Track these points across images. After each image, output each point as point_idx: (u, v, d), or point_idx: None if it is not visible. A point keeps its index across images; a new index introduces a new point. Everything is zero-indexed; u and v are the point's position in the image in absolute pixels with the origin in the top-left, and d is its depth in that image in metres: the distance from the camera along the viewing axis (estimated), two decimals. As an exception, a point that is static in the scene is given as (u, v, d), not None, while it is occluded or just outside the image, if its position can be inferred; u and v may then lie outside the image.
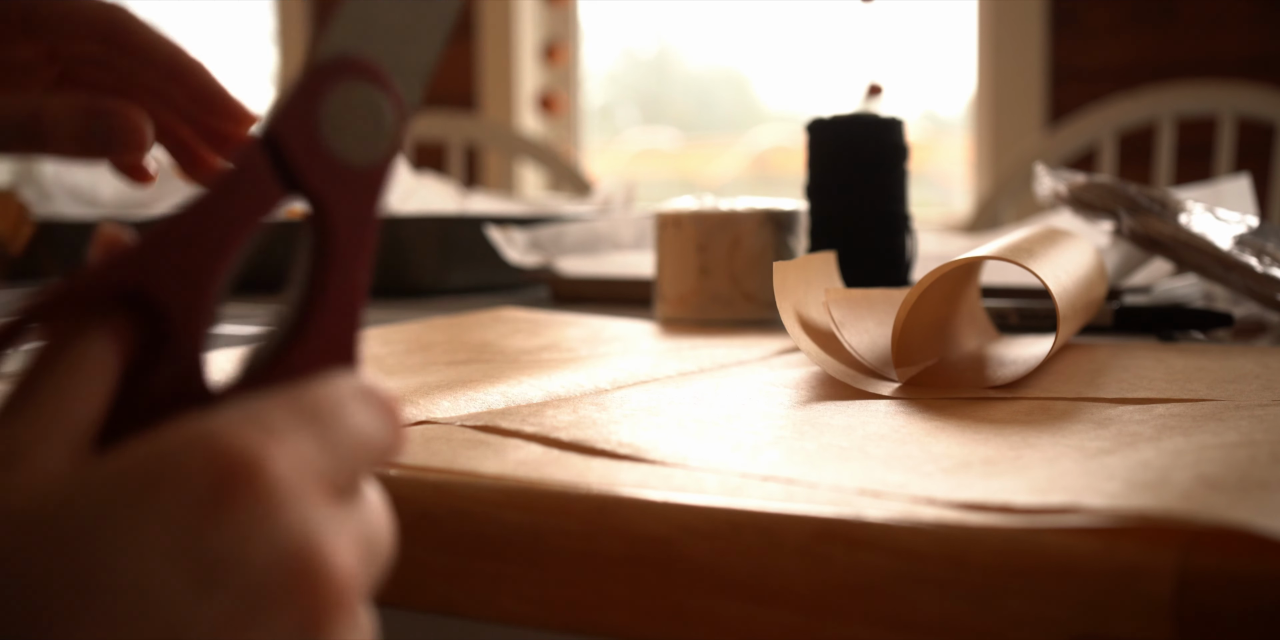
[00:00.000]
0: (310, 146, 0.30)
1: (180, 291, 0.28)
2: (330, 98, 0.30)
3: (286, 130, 0.30)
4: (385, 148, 0.31)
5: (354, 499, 0.27)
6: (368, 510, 0.28)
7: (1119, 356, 0.59)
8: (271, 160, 0.29)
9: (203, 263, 0.28)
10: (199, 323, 0.28)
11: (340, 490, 0.27)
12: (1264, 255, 0.71)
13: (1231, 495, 0.31)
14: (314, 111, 0.30)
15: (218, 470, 0.24)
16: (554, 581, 0.35)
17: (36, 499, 0.24)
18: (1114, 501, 0.31)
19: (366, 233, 0.30)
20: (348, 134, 0.30)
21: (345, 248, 0.30)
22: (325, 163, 0.30)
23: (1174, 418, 0.43)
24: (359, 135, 0.30)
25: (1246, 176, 0.95)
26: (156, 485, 0.24)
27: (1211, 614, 0.28)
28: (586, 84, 2.68)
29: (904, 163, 0.77)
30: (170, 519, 0.24)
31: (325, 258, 0.30)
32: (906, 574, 0.31)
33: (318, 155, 0.30)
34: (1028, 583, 0.29)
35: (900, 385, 0.52)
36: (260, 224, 0.29)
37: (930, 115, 2.41)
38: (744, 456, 0.39)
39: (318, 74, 0.30)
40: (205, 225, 0.29)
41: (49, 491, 0.24)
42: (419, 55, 0.32)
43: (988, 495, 0.33)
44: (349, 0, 0.31)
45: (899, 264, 0.77)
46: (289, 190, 0.30)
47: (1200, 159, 1.87)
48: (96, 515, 0.24)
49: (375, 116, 0.31)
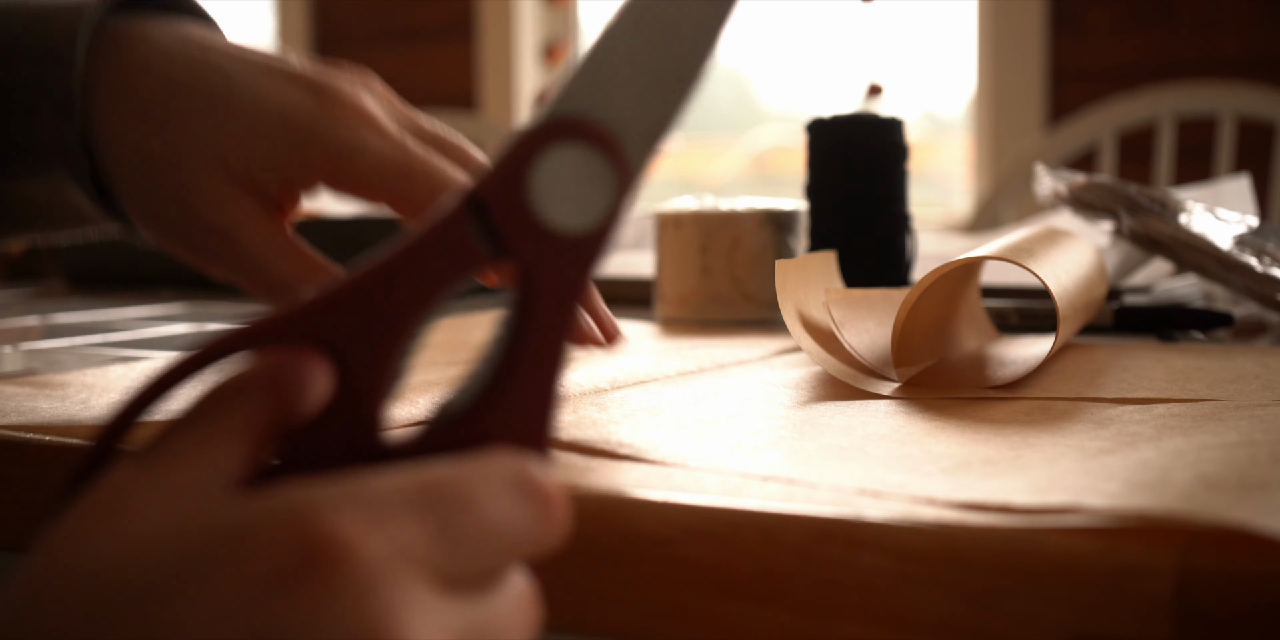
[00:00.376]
0: (518, 211, 0.28)
1: (365, 346, 0.27)
2: (545, 160, 0.28)
3: (494, 192, 0.28)
4: (601, 216, 0.29)
5: (479, 592, 0.26)
6: (497, 605, 0.26)
7: (1119, 356, 0.59)
8: (476, 223, 0.28)
9: (392, 320, 0.27)
10: (380, 378, 0.28)
11: (455, 582, 0.25)
12: (1264, 255, 0.71)
13: (1232, 495, 0.31)
14: (525, 174, 0.28)
15: (299, 546, 0.23)
16: (554, 581, 0.35)
17: (126, 550, 0.24)
18: (1114, 501, 0.31)
19: (570, 301, 0.29)
20: (561, 199, 0.28)
21: (548, 318, 0.29)
22: (533, 229, 0.28)
23: (1174, 418, 0.43)
24: (573, 201, 0.28)
25: (1246, 176, 0.95)
26: (235, 553, 0.23)
27: (1211, 614, 0.28)
28: (586, 84, 2.68)
29: (904, 163, 0.77)
30: (240, 590, 0.23)
31: (525, 327, 0.29)
32: (906, 574, 0.31)
33: (525, 220, 0.28)
34: (1028, 583, 0.29)
35: (900, 385, 0.52)
36: (456, 285, 0.28)
37: (930, 115, 2.41)
38: (744, 456, 0.39)
39: (534, 135, 0.28)
40: (400, 283, 0.27)
41: (139, 545, 0.24)
42: (655, 118, 0.30)
43: (988, 495, 0.33)
44: (587, 56, 0.29)
45: (899, 264, 0.77)
46: (494, 255, 0.28)
47: (1200, 159, 1.87)
48: (172, 575, 0.23)
49: (593, 182, 0.29)
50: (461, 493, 0.25)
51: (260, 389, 0.27)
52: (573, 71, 0.29)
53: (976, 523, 0.31)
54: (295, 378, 0.27)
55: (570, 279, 0.29)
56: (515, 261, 0.29)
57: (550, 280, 0.29)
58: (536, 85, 2.62)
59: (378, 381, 0.28)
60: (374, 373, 0.28)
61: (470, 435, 0.28)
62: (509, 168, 0.28)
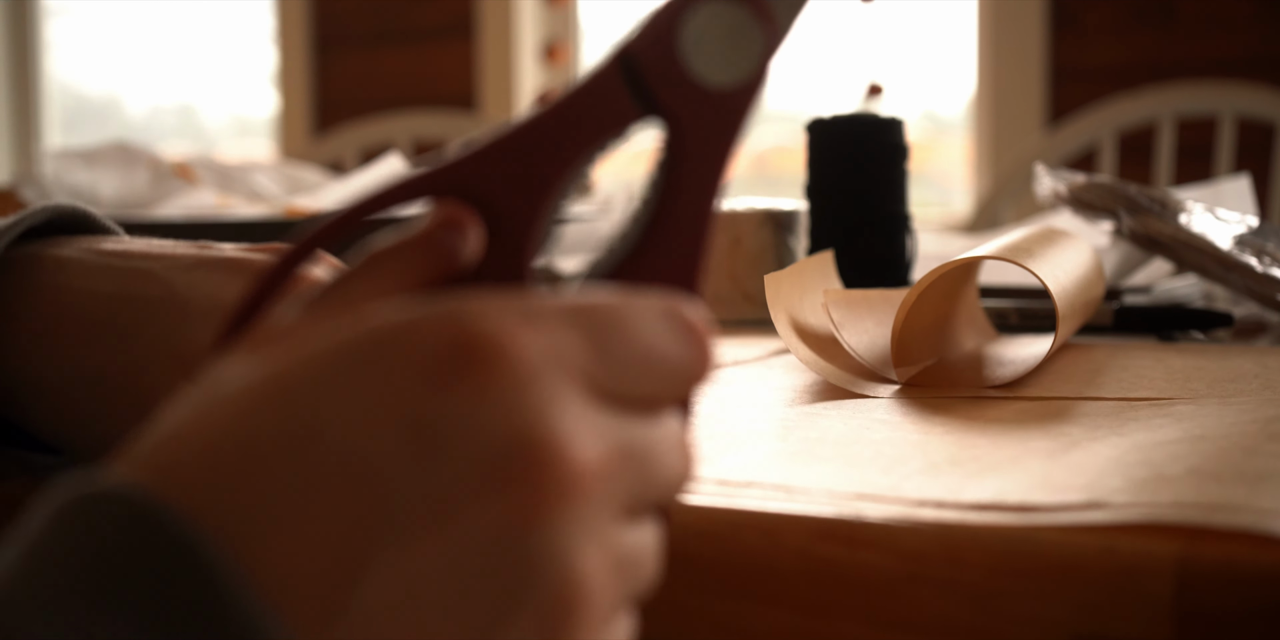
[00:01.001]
0: (668, 65, 0.29)
1: (518, 201, 0.28)
2: (694, 17, 0.29)
3: (643, 49, 0.29)
4: (750, 71, 0.29)
5: (637, 417, 0.26)
6: (656, 434, 0.26)
7: (1118, 356, 0.59)
8: (626, 79, 0.29)
9: (545, 176, 0.28)
10: (532, 230, 0.28)
11: (612, 399, 0.25)
12: (1264, 255, 0.71)
13: (1233, 488, 0.31)
14: (675, 31, 0.29)
15: (457, 342, 0.23)
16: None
17: (285, 361, 0.24)
18: (1124, 497, 0.31)
19: (721, 158, 0.29)
20: (710, 55, 0.29)
21: (697, 170, 0.29)
22: (683, 83, 0.29)
23: (1173, 416, 0.43)
24: (722, 57, 0.29)
25: (1246, 176, 0.95)
26: (392, 349, 0.23)
27: (1211, 614, 0.28)
28: (586, 84, 2.68)
29: (904, 163, 0.77)
30: (393, 383, 0.23)
31: (675, 180, 0.29)
32: (906, 574, 0.31)
33: (676, 75, 0.29)
34: (1028, 583, 0.29)
35: (899, 385, 0.52)
36: (608, 140, 0.29)
37: (930, 115, 2.41)
38: (743, 457, 0.39)
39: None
40: (552, 138, 0.28)
41: (298, 359, 0.24)
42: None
43: (996, 495, 0.33)
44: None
45: (899, 264, 0.77)
46: (644, 110, 0.29)
47: (1200, 159, 1.87)
48: (329, 370, 0.23)
49: (741, 39, 0.29)
50: (618, 316, 0.26)
51: (417, 246, 0.27)
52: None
53: (976, 522, 0.31)
54: (450, 234, 0.27)
55: (720, 133, 0.29)
56: (665, 116, 0.29)
57: (700, 135, 0.29)
58: (536, 85, 2.62)
59: (530, 236, 0.28)
60: (527, 228, 0.28)
61: (625, 283, 0.29)
62: (659, 24, 0.29)
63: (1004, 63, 2.17)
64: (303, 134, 2.78)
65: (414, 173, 0.28)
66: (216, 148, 3.11)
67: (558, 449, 0.23)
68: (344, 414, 0.23)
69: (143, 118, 3.27)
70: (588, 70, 0.29)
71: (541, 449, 0.23)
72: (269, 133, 2.95)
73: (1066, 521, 0.30)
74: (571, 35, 2.64)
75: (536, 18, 2.61)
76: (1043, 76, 2.15)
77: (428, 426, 0.23)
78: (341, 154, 2.07)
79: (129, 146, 1.32)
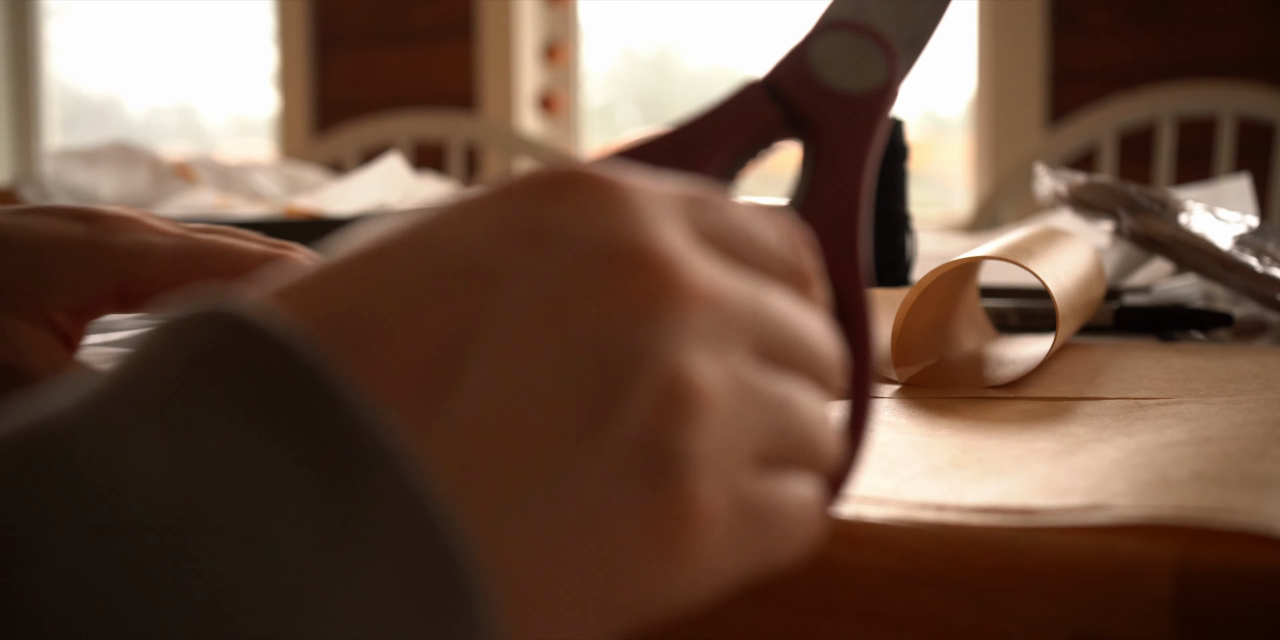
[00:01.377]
0: (805, 79, 0.32)
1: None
2: (822, 43, 0.32)
3: (781, 71, 0.32)
4: (878, 78, 0.32)
5: (748, 275, 0.26)
6: (770, 296, 0.26)
7: (1118, 356, 0.59)
8: (768, 91, 0.32)
9: (699, 169, 0.30)
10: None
11: (717, 244, 0.26)
12: (1264, 255, 0.71)
13: (1237, 494, 0.31)
14: (806, 53, 0.32)
15: (569, 171, 0.24)
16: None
17: (452, 239, 0.25)
18: (1126, 500, 0.31)
19: (861, 159, 0.32)
20: (839, 69, 0.32)
21: (839, 172, 0.31)
22: (820, 91, 0.32)
23: (1179, 416, 0.43)
24: (851, 70, 0.32)
25: (1246, 176, 0.95)
26: (506, 184, 0.25)
27: (1211, 614, 0.28)
28: (586, 84, 2.68)
29: (904, 163, 0.77)
30: (510, 199, 0.24)
31: (819, 183, 0.31)
32: (906, 574, 0.31)
33: (812, 86, 0.32)
34: (1028, 583, 0.29)
35: (899, 385, 0.52)
36: (756, 146, 0.31)
37: (930, 115, 2.41)
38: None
39: (810, 31, 0.33)
40: (705, 137, 0.30)
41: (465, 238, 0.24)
42: (915, 29, 0.34)
43: (1000, 497, 0.33)
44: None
45: (899, 264, 0.77)
46: (786, 118, 0.32)
47: (1200, 159, 1.87)
48: (447, 208, 0.24)
49: (865, 56, 0.33)
50: (719, 202, 0.27)
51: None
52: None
53: (977, 522, 0.31)
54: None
55: (857, 135, 0.32)
56: (804, 121, 0.32)
57: (837, 137, 0.32)
58: (536, 85, 2.62)
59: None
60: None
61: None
62: (792, 54, 0.32)
63: (1004, 63, 2.17)
64: (303, 134, 2.78)
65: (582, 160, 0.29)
66: (216, 148, 3.11)
67: (667, 257, 0.23)
68: (461, 225, 0.24)
69: (143, 118, 3.27)
70: (734, 91, 0.32)
71: (652, 254, 0.23)
72: (269, 133, 2.95)
73: (1068, 522, 0.30)
74: (571, 35, 2.64)
75: (536, 18, 2.61)
76: (1043, 76, 2.15)
77: (540, 229, 0.23)
78: (341, 154, 2.07)
79: (129, 146, 1.33)
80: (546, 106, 2.62)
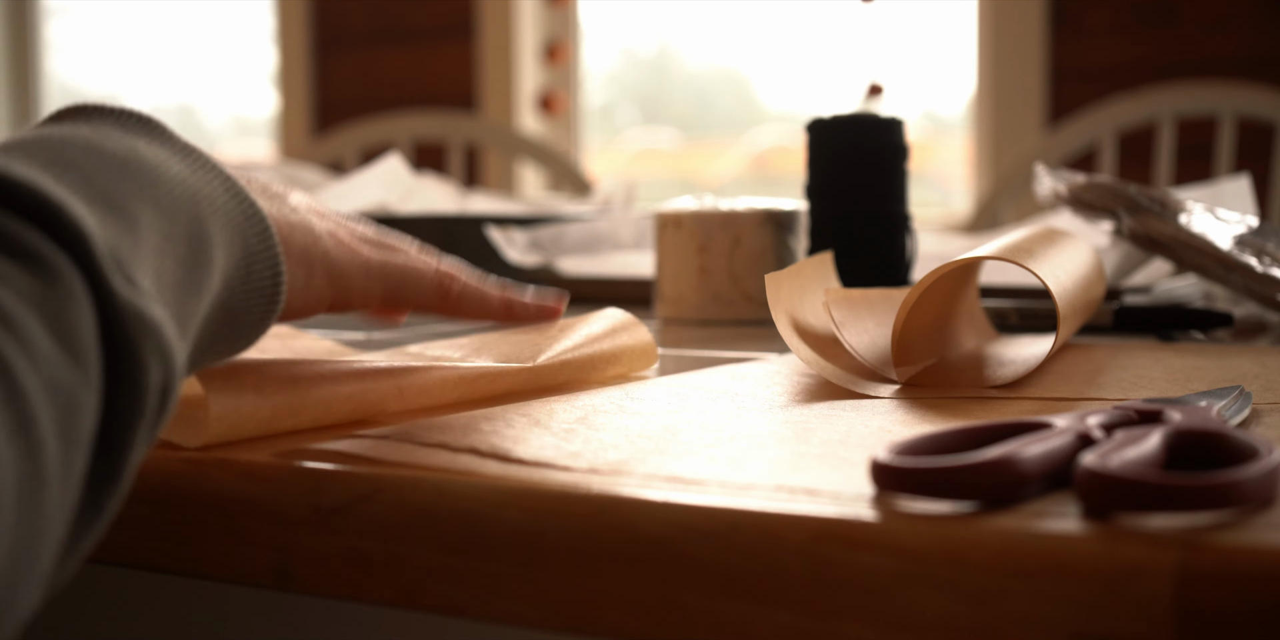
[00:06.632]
0: None
1: None
2: None
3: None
4: None
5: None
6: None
7: (1118, 356, 0.59)
8: None
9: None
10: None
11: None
12: (1264, 255, 0.71)
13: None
14: None
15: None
16: (554, 581, 0.35)
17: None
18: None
19: None
20: None
21: None
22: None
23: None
24: None
25: (1246, 176, 0.95)
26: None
27: (1211, 614, 0.28)
28: (586, 84, 2.68)
29: (904, 163, 0.77)
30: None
31: None
32: (906, 574, 0.31)
33: None
34: (1028, 583, 0.29)
35: (900, 385, 0.52)
36: None
37: (930, 115, 2.41)
38: (746, 458, 0.39)
39: None
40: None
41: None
42: None
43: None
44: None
45: (899, 264, 0.77)
46: None
47: (1200, 159, 1.87)
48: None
49: None
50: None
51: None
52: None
53: (976, 523, 0.31)
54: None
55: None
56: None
57: None
58: (536, 85, 2.62)
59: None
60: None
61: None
62: None
63: (1004, 63, 2.17)
64: (303, 134, 2.78)
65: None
66: (216, 148, 3.11)
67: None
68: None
69: (143, 118, 3.26)
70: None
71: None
72: (269, 133, 2.95)
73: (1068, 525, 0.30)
74: (571, 35, 2.64)
75: (536, 18, 2.61)
76: (1043, 76, 2.15)
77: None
78: (341, 154, 2.07)
79: (129, 146, 1.32)
80: (546, 106, 2.62)
